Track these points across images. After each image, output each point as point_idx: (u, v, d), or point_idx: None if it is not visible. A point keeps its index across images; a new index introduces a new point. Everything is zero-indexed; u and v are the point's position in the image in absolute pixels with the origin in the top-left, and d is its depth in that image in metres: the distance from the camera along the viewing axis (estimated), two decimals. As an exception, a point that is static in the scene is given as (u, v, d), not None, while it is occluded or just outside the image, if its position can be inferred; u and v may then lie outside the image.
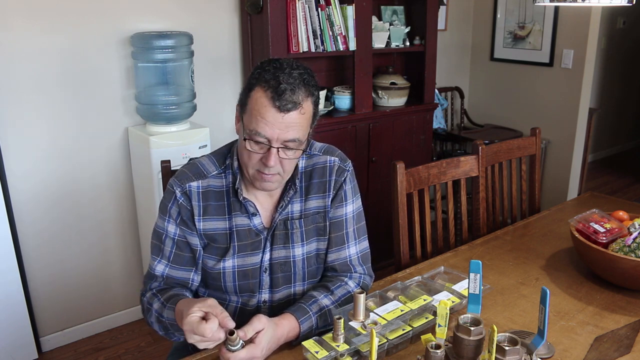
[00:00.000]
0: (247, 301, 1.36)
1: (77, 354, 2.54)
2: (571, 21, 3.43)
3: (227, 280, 1.32)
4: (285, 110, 1.15)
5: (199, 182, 1.29)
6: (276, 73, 1.16)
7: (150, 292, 1.31)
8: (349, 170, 1.39)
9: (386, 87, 3.08)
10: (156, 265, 1.32)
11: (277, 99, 1.14)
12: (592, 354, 1.24)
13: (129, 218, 2.68)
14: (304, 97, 1.18)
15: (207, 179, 1.30)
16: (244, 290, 1.34)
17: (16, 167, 2.33)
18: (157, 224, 1.33)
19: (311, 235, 1.36)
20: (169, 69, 2.49)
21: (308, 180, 1.35)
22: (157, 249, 1.33)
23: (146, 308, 1.30)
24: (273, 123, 1.15)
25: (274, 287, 1.35)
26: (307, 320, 1.25)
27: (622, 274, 1.46)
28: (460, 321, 1.14)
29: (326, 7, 2.74)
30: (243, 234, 1.31)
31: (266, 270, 1.34)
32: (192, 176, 1.30)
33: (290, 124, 1.16)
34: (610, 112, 5.34)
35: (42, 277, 2.48)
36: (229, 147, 1.35)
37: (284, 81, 1.15)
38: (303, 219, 1.34)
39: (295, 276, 1.36)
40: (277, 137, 1.16)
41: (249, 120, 1.19)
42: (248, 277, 1.33)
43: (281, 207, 1.31)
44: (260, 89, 1.16)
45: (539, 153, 2.28)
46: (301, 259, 1.35)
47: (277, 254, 1.34)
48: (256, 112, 1.16)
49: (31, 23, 2.24)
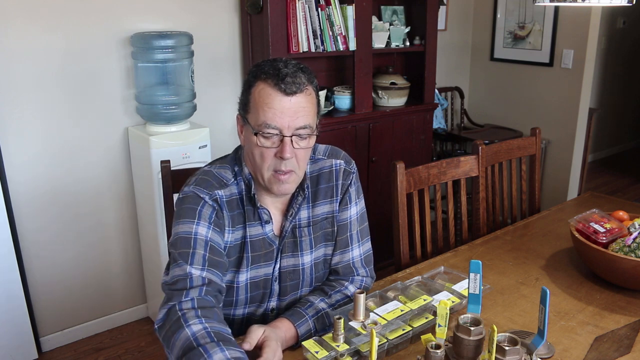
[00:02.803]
0: (255, 311, 1.32)
1: (77, 354, 2.54)
2: (571, 21, 3.43)
3: (239, 294, 1.27)
4: (291, 93, 1.13)
5: (223, 190, 1.22)
6: (274, 64, 1.16)
7: (193, 311, 1.06)
8: (354, 172, 1.37)
9: (386, 87, 3.08)
10: (190, 269, 1.11)
11: (281, 82, 1.13)
12: (592, 354, 1.24)
13: (129, 218, 2.68)
14: (306, 81, 1.17)
15: (229, 187, 1.23)
16: (253, 301, 1.31)
17: (16, 166, 2.33)
18: (179, 231, 1.16)
19: (319, 242, 1.34)
20: (169, 69, 2.49)
21: (315, 185, 1.32)
22: (184, 256, 1.13)
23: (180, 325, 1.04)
24: (282, 110, 1.13)
25: (282, 295, 1.33)
26: (304, 323, 1.23)
27: (622, 274, 1.46)
28: (460, 321, 1.14)
29: (326, 7, 2.74)
30: (257, 244, 1.26)
31: (276, 280, 1.31)
32: (216, 184, 1.22)
33: (298, 108, 1.15)
34: (610, 112, 5.34)
35: (42, 277, 2.48)
36: (234, 154, 1.30)
37: (284, 67, 1.15)
38: (312, 226, 1.32)
39: (303, 283, 1.34)
40: (288, 125, 1.14)
41: (255, 116, 1.16)
42: (259, 288, 1.30)
43: (290, 214, 1.28)
44: (260, 81, 1.15)
45: (539, 153, 2.28)
46: (310, 266, 1.33)
47: (286, 263, 1.31)
48: (262, 103, 1.14)
49: (31, 23, 2.24)
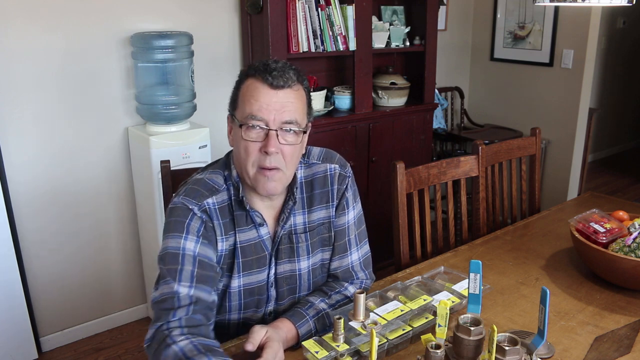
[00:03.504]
0: (252, 316, 1.32)
1: (77, 354, 2.54)
2: (571, 21, 3.43)
3: (232, 300, 1.26)
4: (278, 87, 1.14)
5: (213, 198, 1.21)
6: (263, 62, 1.18)
7: (179, 330, 1.08)
8: (349, 176, 1.36)
9: (386, 87, 3.08)
10: (178, 287, 1.11)
11: (269, 76, 1.14)
12: (592, 354, 1.24)
13: (129, 218, 2.68)
14: (295, 80, 1.18)
15: (220, 192, 1.22)
16: (248, 307, 1.29)
17: (16, 166, 2.33)
18: (168, 245, 1.16)
19: (316, 247, 1.33)
20: (169, 69, 2.48)
21: (310, 191, 1.31)
22: (173, 272, 1.12)
23: (167, 343, 1.05)
24: (268, 103, 1.14)
25: (279, 300, 1.33)
26: (305, 324, 1.23)
27: (622, 274, 1.46)
28: (460, 321, 1.14)
29: (326, 7, 2.74)
30: (248, 249, 1.24)
31: (272, 285, 1.30)
32: (205, 192, 1.20)
33: (285, 103, 1.15)
34: (610, 112, 5.34)
35: (42, 277, 2.48)
36: (225, 159, 1.29)
37: (273, 64, 1.16)
38: (308, 232, 1.31)
39: (301, 287, 1.34)
40: (274, 118, 1.14)
41: (242, 110, 1.17)
42: (254, 295, 1.29)
43: (282, 220, 1.27)
44: (249, 77, 1.17)
45: (539, 153, 2.28)
46: (307, 271, 1.33)
47: (283, 268, 1.30)
48: (249, 97, 1.15)
49: (31, 23, 2.24)
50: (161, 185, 1.65)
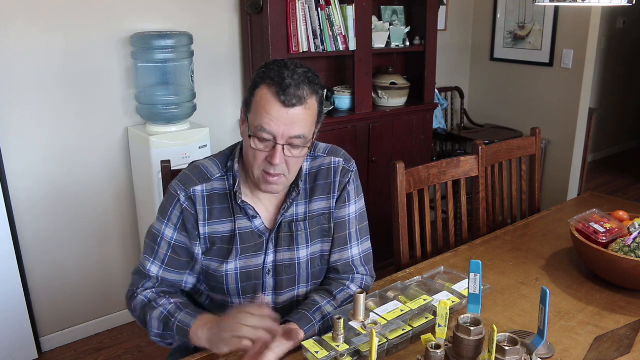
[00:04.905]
0: (251, 302, 1.33)
1: (77, 354, 2.54)
2: (571, 21, 3.43)
3: (229, 283, 1.32)
4: (290, 105, 1.16)
5: (203, 185, 1.29)
6: (280, 71, 1.17)
7: (149, 290, 1.31)
8: (353, 171, 1.40)
9: (386, 87, 3.08)
10: (150, 266, 1.32)
11: (282, 93, 1.15)
12: (592, 354, 1.24)
13: (129, 218, 2.68)
14: (309, 93, 1.18)
15: (211, 182, 1.29)
16: (247, 292, 1.33)
17: (16, 166, 2.33)
18: (154, 225, 1.32)
19: (316, 237, 1.36)
20: (169, 69, 2.49)
21: (313, 182, 1.35)
22: (150, 250, 1.32)
23: (145, 304, 1.28)
24: (278, 118, 1.16)
25: (278, 290, 1.35)
26: (311, 329, 1.25)
27: (622, 274, 1.46)
28: (460, 321, 1.14)
29: (326, 7, 2.74)
30: (246, 236, 1.30)
31: (269, 272, 1.33)
32: (196, 180, 1.29)
33: (295, 119, 1.17)
34: (610, 112, 5.34)
35: (42, 277, 2.48)
36: (231, 149, 1.35)
37: (289, 77, 1.16)
38: (308, 220, 1.34)
39: (300, 278, 1.36)
40: (283, 133, 1.17)
41: (254, 118, 1.19)
42: (251, 279, 1.33)
43: (283, 208, 1.31)
44: (265, 86, 1.18)
45: (539, 153, 2.28)
46: (305, 260, 1.35)
47: (282, 256, 1.33)
48: (261, 108, 1.17)
49: (31, 23, 2.24)
50: (161, 185, 1.65)
